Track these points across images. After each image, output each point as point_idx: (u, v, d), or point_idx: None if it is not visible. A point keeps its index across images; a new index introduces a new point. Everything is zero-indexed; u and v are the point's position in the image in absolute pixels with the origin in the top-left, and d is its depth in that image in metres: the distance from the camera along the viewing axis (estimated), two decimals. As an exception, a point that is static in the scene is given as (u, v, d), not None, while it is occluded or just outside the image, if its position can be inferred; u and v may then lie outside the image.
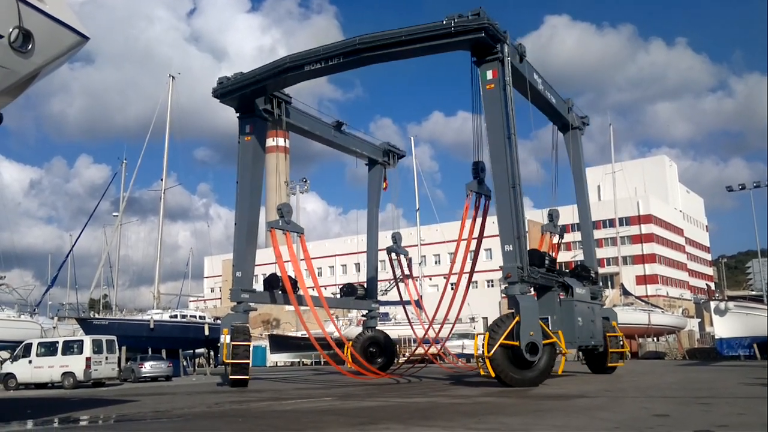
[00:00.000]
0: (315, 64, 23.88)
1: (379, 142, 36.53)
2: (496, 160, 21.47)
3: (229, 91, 26.65)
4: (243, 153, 27.80)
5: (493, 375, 19.94)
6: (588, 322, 24.77)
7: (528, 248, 22.05)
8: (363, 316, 35.60)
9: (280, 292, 28.24)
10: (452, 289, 27.48)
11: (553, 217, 30.20)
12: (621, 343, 27.32)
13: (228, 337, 24.92)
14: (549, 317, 22.08)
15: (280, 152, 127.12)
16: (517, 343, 19.61)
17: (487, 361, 19.75)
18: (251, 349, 28.11)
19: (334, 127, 32.60)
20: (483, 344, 20.03)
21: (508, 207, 20.97)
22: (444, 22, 21.22)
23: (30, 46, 9.49)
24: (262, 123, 28.06)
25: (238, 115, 28.06)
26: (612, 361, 26.56)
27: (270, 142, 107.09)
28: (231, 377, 24.75)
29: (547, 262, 23.48)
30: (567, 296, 23.98)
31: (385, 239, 36.95)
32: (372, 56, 23.24)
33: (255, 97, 27.07)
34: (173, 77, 46.84)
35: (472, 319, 56.70)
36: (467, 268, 27.41)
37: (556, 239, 30.44)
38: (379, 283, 37.81)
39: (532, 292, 22.04)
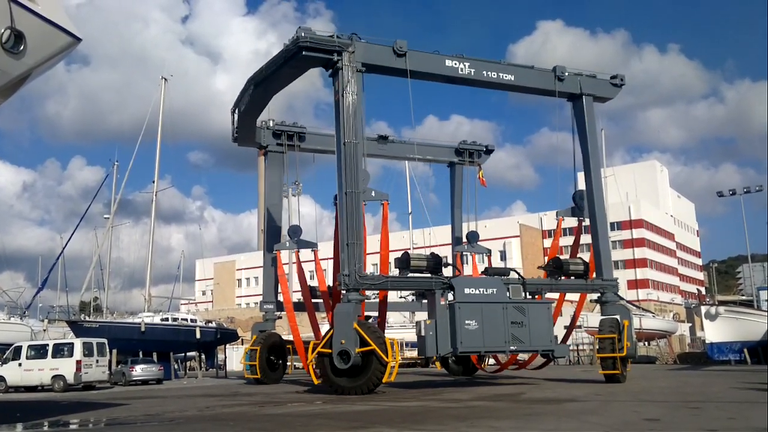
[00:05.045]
0: (240, 106, 27.59)
1: (455, 143, 36.17)
2: (340, 167, 21.62)
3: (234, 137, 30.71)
4: (267, 188, 33.01)
5: (316, 382, 20.54)
6: (504, 324, 21.83)
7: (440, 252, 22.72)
8: None
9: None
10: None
11: (576, 199, 27.12)
12: (617, 347, 22.43)
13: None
14: (423, 321, 21.72)
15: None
16: (330, 351, 19.81)
17: (309, 368, 20.48)
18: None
19: (378, 141, 33.11)
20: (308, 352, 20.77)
21: (343, 213, 21.10)
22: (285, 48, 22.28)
23: (22, 47, 9.47)
24: (278, 157, 32.29)
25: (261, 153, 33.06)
26: (606, 368, 22.57)
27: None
28: (246, 376, 30.44)
29: (426, 263, 22.56)
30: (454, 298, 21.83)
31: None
32: (264, 89, 25.24)
33: (249, 134, 30.47)
34: (165, 79, 46.86)
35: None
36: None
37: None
38: None
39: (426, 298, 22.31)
